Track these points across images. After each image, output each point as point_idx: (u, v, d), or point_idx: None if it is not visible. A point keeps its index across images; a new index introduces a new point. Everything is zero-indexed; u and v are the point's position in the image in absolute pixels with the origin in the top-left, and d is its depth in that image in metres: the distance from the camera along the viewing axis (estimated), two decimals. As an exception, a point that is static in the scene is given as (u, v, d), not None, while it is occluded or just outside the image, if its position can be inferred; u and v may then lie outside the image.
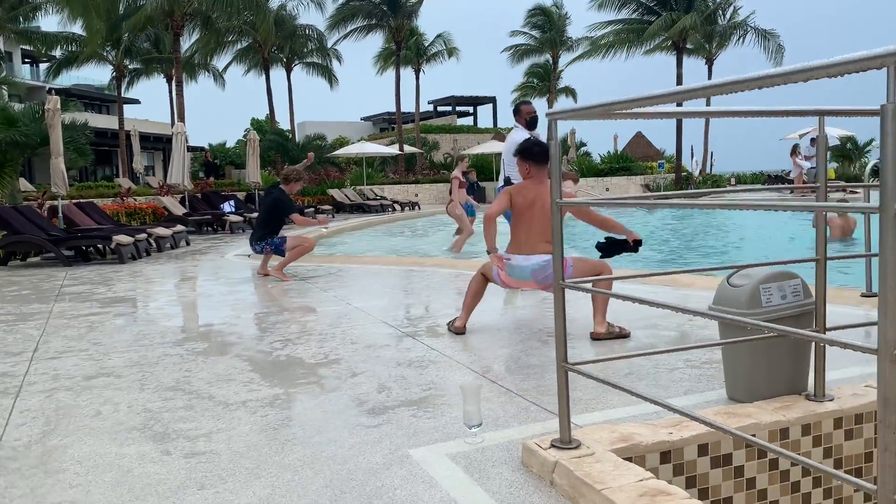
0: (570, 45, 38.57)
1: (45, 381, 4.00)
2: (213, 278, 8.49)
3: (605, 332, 4.52)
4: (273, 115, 34.73)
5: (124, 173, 31.85)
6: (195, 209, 17.13)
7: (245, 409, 3.42)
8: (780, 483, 2.85)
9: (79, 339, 5.10)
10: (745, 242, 13.28)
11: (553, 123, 2.49)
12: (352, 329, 5.13)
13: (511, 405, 3.32)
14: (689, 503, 2.14)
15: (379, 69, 39.71)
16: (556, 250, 2.56)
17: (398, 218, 21.75)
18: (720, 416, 2.83)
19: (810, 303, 3.03)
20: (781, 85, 1.70)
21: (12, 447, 3.01)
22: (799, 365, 3.08)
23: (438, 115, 52.19)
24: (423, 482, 2.55)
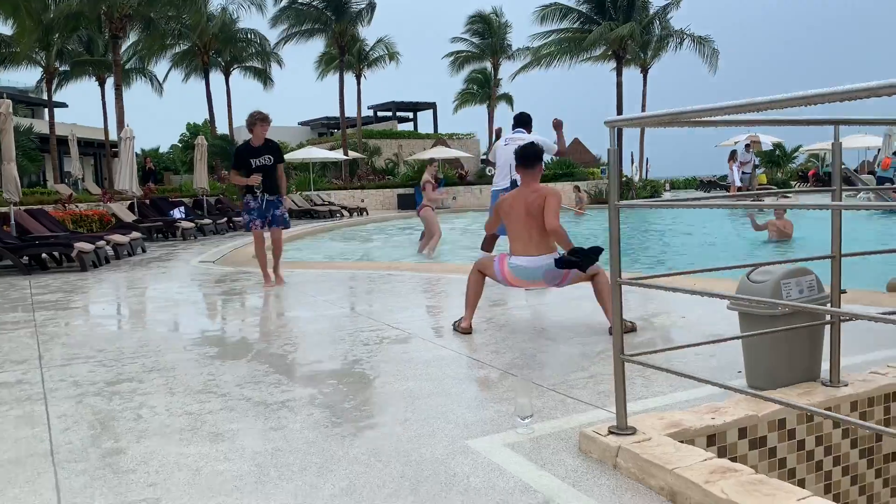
0: (511, 54, 39.23)
1: (67, 388, 3.97)
2: (188, 284, 8.41)
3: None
4: (213, 119, 34.17)
5: (56, 179, 30.83)
6: (144, 216, 16.77)
7: (286, 408, 3.50)
8: (806, 463, 3.10)
9: (80, 347, 5.05)
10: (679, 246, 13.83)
11: (613, 131, 2.69)
12: (360, 332, 5.22)
13: (547, 398, 3.49)
14: (755, 477, 2.35)
15: (320, 73, 39.54)
16: (614, 249, 2.75)
17: (348, 223, 21.74)
18: (753, 402, 3.07)
19: (825, 297, 3.31)
20: (864, 99, 1.93)
21: (68, 450, 3.02)
22: (814, 354, 3.36)
23: (379, 121, 52.16)
24: (492, 470, 2.70)
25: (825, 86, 2.09)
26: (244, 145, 7.65)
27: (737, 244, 12.91)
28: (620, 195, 2.69)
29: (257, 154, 7.52)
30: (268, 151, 7.58)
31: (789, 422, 3.05)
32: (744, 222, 15.66)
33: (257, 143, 7.54)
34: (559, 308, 5.86)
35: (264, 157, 7.51)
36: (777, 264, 3.37)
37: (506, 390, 3.65)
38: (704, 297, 5.74)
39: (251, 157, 7.50)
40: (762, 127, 26.12)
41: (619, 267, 2.75)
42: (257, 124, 7.47)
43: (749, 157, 22.83)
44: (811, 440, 3.11)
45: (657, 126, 2.59)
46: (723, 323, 4.86)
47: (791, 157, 34.14)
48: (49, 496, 2.58)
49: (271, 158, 7.57)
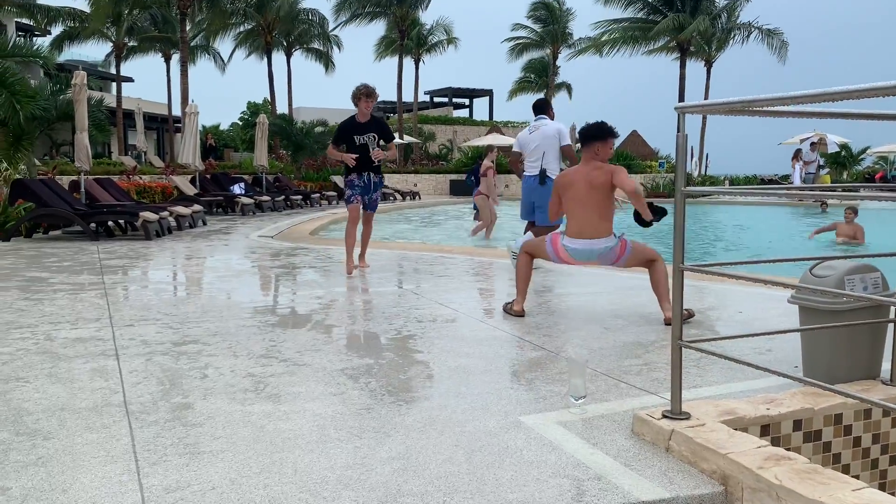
0: (572, 43, 38.83)
1: (137, 346, 4.16)
2: (248, 256, 8.64)
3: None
4: (274, 99, 34.70)
5: (120, 151, 31.77)
6: (205, 190, 17.20)
7: (345, 375, 3.61)
8: (861, 459, 3.08)
9: (147, 310, 5.26)
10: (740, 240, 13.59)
11: (682, 116, 2.70)
12: (413, 310, 5.32)
13: (600, 382, 3.53)
14: (809, 466, 2.36)
15: (378, 56, 39.78)
16: (678, 236, 2.76)
17: (401, 207, 21.93)
18: (809, 396, 3.06)
19: (890, 295, 3.26)
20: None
21: (140, 403, 3.18)
22: (875, 352, 3.32)
23: (435, 106, 52.29)
24: (545, 445, 2.76)
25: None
26: (349, 120, 7.11)
27: (797, 246, 12.63)
28: (686, 182, 2.71)
29: (363, 130, 7.01)
30: (375, 128, 7.07)
31: (846, 417, 3.03)
32: (805, 226, 15.31)
33: (363, 118, 7.03)
34: (613, 296, 5.87)
35: (369, 135, 7.01)
36: (842, 259, 3.33)
37: (558, 372, 3.70)
38: (761, 294, 5.71)
39: (356, 133, 7.01)
40: (834, 122, 25.38)
41: (682, 254, 2.76)
42: (362, 99, 6.96)
43: (814, 157, 22.28)
44: (867, 437, 3.08)
45: (727, 114, 2.60)
46: (779, 319, 4.82)
47: (858, 158, 33.09)
48: (125, 442, 2.73)
49: (376, 137, 7.05)
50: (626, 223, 5.40)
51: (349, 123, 7.07)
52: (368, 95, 6.98)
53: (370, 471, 2.50)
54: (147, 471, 2.48)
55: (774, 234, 14.89)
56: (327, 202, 21.39)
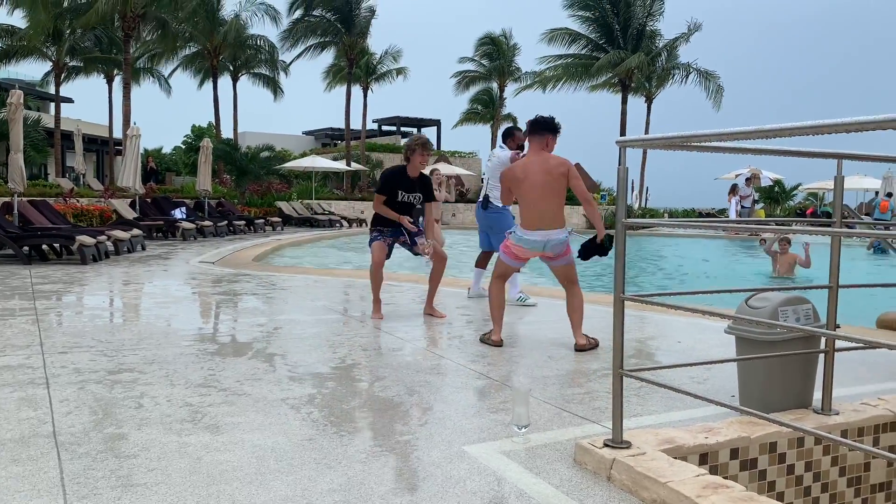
0: (518, 76, 39.56)
1: (68, 374, 4.02)
2: (188, 283, 8.46)
3: (585, 342, 4.97)
4: (218, 123, 34.30)
5: (58, 173, 30.88)
6: (145, 214, 16.82)
7: (286, 405, 3.54)
8: (794, 487, 3.16)
9: (81, 336, 5.09)
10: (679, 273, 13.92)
11: (623, 150, 2.77)
12: (358, 338, 5.27)
13: (542, 410, 3.55)
14: (745, 494, 2.41)
15: (328, 85, 39.83)
16: (619, 266, 2.82)
17: (348, 233, 21.82)
18: (745, 425, 3.13)
19: (820, 326, 3.38)
20: (870, 131, 2.01)
21: (70, 433, 3.06)
22: (807, 382, 3.42)
23: (383, 134, 52.44)
24: (488, 474, 2.75)
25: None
26: (398, 172, 6.17)
27: (733, 278, 12.98)
28: (627, 214, 2.77)
29: (411, 188, 6.13)
30: (421, 188, 6.19)
31: (780, 445, 3.10)
32: (741, 257, 15.77)
33: (413, 173, 6.14)
34: (557, 325, 5.92)
35: (415, 196, 6.16)
36: (775, 291, 3.44)
37: (502, 401, 3.70)
38: (699, 325, 5.84)
39: (402, 188, 6.10)
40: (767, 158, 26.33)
41: (622, 283, 2.82)
42: (417, 151, 6.06)
43: (749, 192, 23.00)
44: (801, 465, 3.16)
45: (667, 148, 2.67)
46: (717, 349, 4.94)
47: (790, 194, 34.38)
48: (53, 475, 2.62)
49: (421, 198, 6.21)
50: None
51: (398, 175, 6.14)
52: (424, 147, 6.11)
53: (310, 503, 2.45)
54: (75, 505, 2.38)
55: (711, 266, 15.30)
56: (272, 228, 21.15)
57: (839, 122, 2.10)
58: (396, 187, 6.10)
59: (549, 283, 6.76)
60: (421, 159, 6.09)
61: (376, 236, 6.24)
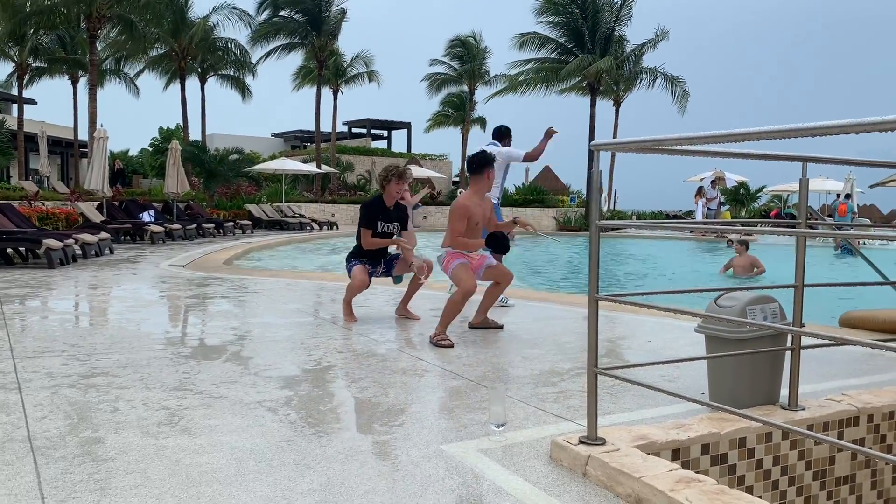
0: (488, 80, 39.73)
1: (41, 379, 3.97)
2: (158, 286, 8.38)
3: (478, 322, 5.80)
4: (186, 125, 33.94)
5: (21, 176, 30.30)
6: (113, 217, 16.60)
7: (263, 407, 3.55)
8: (763, 481, 3.24)
9: (51, 341, 5.03)
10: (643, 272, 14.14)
11: (596, 153, 2.83)
12: (332, 340, 5.28)
13: (518, 410, 3.60)
14: (717, 487, 2.48)
15: (296, 86, 39.62)
16: (593, 266, 2.88)
17: (318, 237, 21.73)
18: (716, 421, 3.22)
19: (787, 324, 3.48)
20: (835, 135, 2.09)
21: (46, 437, 3.04)
22: (775, 379, 3.52)
23: (353, 137, 52.29)
24: (467, 473, 2.79)
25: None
26: (377, 203, 6.22)
27: (700, 278, 13.21)
28: (600, 216, 2.83)
29: (388, 218, 6.21)
30: (397, 218, 6.30)
31: (749, 441, 3.19)
32: (707, 260, 16.04)
33: (389, 202, 6.22)
34: (530, 326, 5.99)
35: (392, 225, 6.25)
36: (743, 290, 3.53)
37: (479, 400, 3.75)
38: (669, 325, 5.95)
39: (381, 218, 6.18)
40: (734, 161, 26.84)
41: (597, 284, 2.88)
42: (392, 181, 6.11)
43: (715, 194, 23.41)
44: (769, 459, 3.26)
45: (639, 152, 2.74)
46: (687, 348, 5.04)
47: (755, 196, 34.99)
48: (29, 479, 2.60)
49: (398, 227, 6.33)
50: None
51: (377, 207, 6.20)
52: (400, 177, 6.16)
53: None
54: (54, 509, 2.37)
55: (679, 267, 15.54)
56: (241, 231, 21.00)
57: (804, 127, 2.18)
58: (377, 219, 6.16)
59: (523, 285, 6.82)
60: (397, 188, 6.15)
61: (356, 262, 6.22)
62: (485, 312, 5.83)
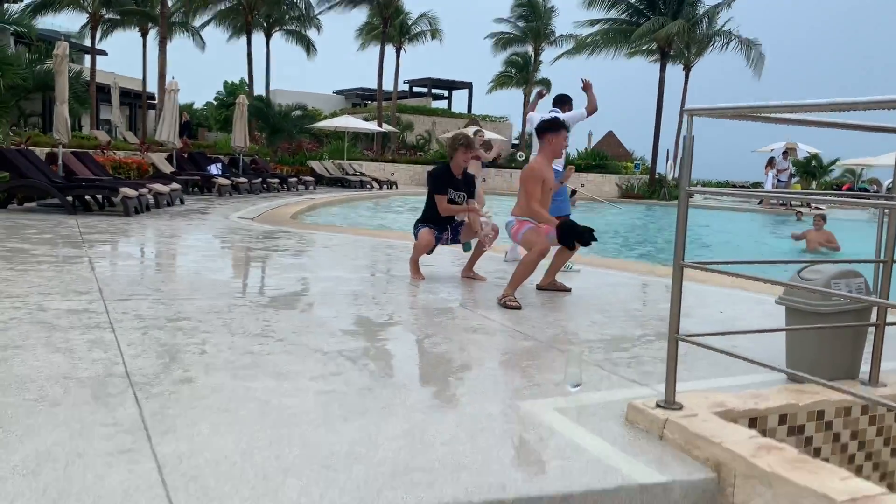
0: (554, 40, 39.05)
1: (131, 320, 4.17)
2: (230, 237, 8.62)
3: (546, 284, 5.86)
4: (252, 80, 34.35)
5: (93, 126, 31.23)
6: (182, 169, 17.03)
7: (342, 356, 3.67)
8: (839, 454, 3.23)
9: (136, 285, 5.26)
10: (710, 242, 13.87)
11: (690, 119, 2.80)
12: (401, 296, 5.39)
13: (591, 373, 3.62)
14: (799, 456, 2.49)
15: (362, 45, 39.61)
16: (680, 233, 2.87)
17: (379, 195, 21.93)
18: (793, 392, 3.20)
19: (873, 299, 3.42)
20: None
21: (143, 374, 3.21)
22: (856, 354, 3.47)
23: (414, 96, 52.17)
24: (544, 429, 2.85)
25: None
26: (445, 172, 6.23)
27: (767, 254, 12.91)
28: (689, 181, 2.82)
29: (456, 187, 6.21)
30: (465, 187, 6.28)
31: (827, 414, 3.17)
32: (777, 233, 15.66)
33: (457, 172, 6.22)
34: (596, 292, 5.99)
35: (460, 195, 6.22)
36: (828, 264, 3.47)
37: (550, 361, 3.80)
38: (735, 296, 5.88)
39: (451, 187, 6.20)
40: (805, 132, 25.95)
41: (682, 251, 2.87)
42: (459, 150, 6.11)
43: (786, 165, 22.74)
44: (846, 434, 3.23)
45: (736, 118, 2.70)
46: (758, 321, 4.99)
47: (827, 169, 33.80)
48: (132, 411, 2.77)
49: (465, 196, 6.28)
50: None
51: (445, 174, 6.21)
52: (468, 147, 6.16)
53: (377, 447, 2.57)
54: (158, 440, 2.52)
55: (746, 237, 15.22)
56: (304, 187, 21.31)
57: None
58: (446, 186, 6.18)
59: (588, 252, 6.78)
60: (464, 157, 6.16)
61: (423, 226, 6.25)
62: (554, 274, 5.85)
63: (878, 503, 2.17)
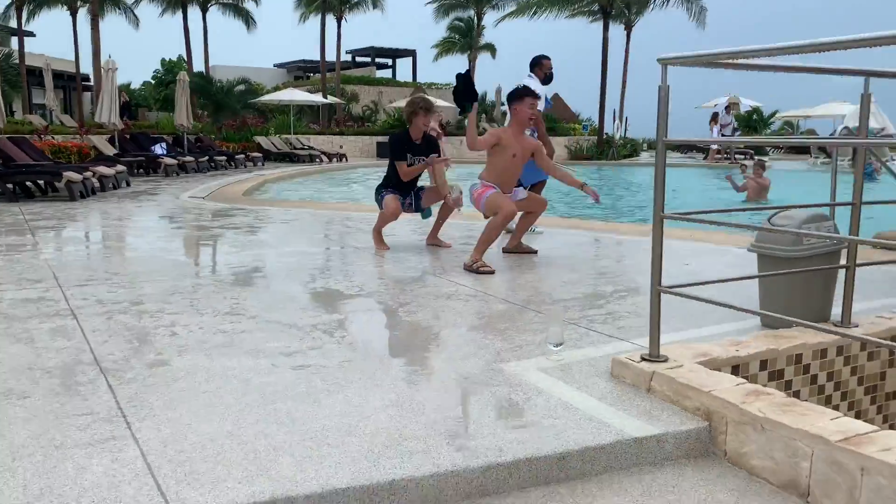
0: (496, 3, 38.75)
1: (92, 306, 4.01)
2: (183, 217, 8.38)
3: (513, 247, 5.81)
4: (190, 56, 33.39)
5: (25, 110, 29.99)
6: (125, 150, 16.48)
7: (318, 330, 3.59)
8: (817, 396, 3.29)
9: (92, 270, 5.07)
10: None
11: (665, 68, 2.76)
12: (375, 267, 5.31)
13: (569, 331, 3.61)
14: (787, 400, 2.52)
15: (302, 15, 38.71)
16: (658, 185, 2.85)
17: (330, 168, 21.63)
18: (772, 338, 3.24)
19: (842, 244, 3.47)
20: None
21: (113, 361, 3.08)
22: (827, 297, 3.53)
23: (357, 66, 51.33)
24: (530, 389, 2.83)
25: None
26: (404, 136, 6.08)
27: (714, 205, 13.15)
28: (666, 132, 2.79)
29: (415, 152, 6.05)
30: (426, 151, 6.10)
31: (805, 357, 3.22)
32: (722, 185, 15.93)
33: (416, 136, 6.05)
34: (562, 252, 6.00)
35: (419, 159, 6.05)
36: (798, 209, 3.51)
37: (528, 322, 3.78)
38: (698, 249, 5.95)
39: (410, 152, 6.05)
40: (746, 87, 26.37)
41: (662, 202, 2.86)
42: (419, 114, 5.96)
43: (729, 120, 23.12)
44: (823, 375, 3.29)
45: (709, 66, 2.67)
46: (725, 271, 5.05)
47: (767, 122, 34.46)
48: (107, 398, 2.65)
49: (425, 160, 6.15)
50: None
51: (404, 140, 6.07)
52: (427, 110, 6.02)
53: (367, 418, 2.52)
54: (138, 426, 2.42)
55: (698, 193, 15.45)
56: (252, 164, 20.87)
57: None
58: (405, 151, 6.03)
59: (548, 214, 6.77)
60: (424, 121, 5.99)
61: (387, 192, 6.11)
62: (520, 237, 5.83)
63: (870, 440, 2.20)
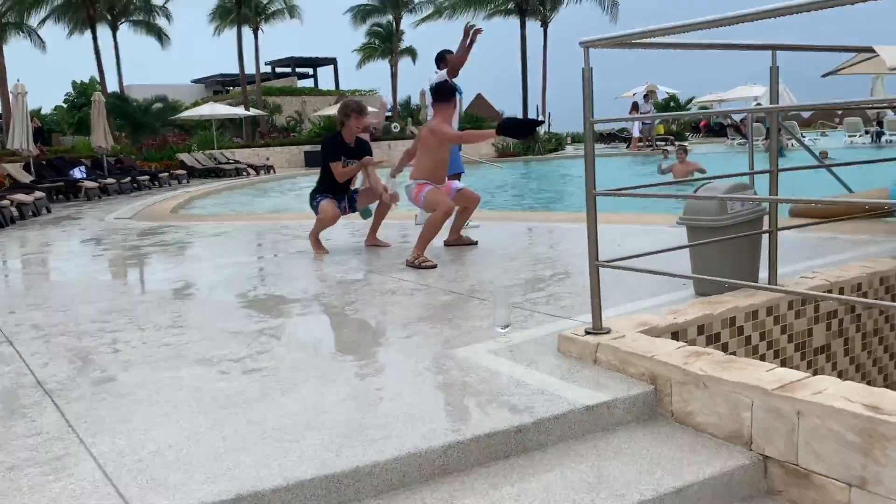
0: (413, 6, 38.90)
1: (28, 331, 3.89)
2: (111, 239, 8.16)
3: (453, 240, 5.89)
4: (103, 77, 32.36)
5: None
6: (42, 177, 15.90)
7: (265, 335, 3.57)
8: (751, 356, 3.46)
9: (22, 297, 4.92)
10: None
11: (587, 51, 2.87)
12: (311, 271, 5.30)
13: (514, 314, 3.68)
14: (725, 357, 2.66)
15: (217, 28, 38.06)
16: (589, 164, 2.96)
17: (258, 181, 21.33)
18: (706, 304, 3.40)
19: (763, 209, 3.66)
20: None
21: (58, 382, 3.01)
22: (754, 262, 3.72)
23: (277, 77, 50.73)
24: (483, 370, 2.90)
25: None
26: (337, 139, 6.06)
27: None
28: (592, 112, 2.90)
29: (349, 154, 6.04)
30: (359, 155, 6.09)
31: (738, 320, 3.39)
32: (647, 171, 16.43)
33: (349, 139, 6.04)
34: (499, 242, 6.10)
35: (352, 162, 6.06)
36: (720, 180, 3.68)
37: (474, 309, 3.85)
38: (624, 230, 6.14)
39: (344, 155, 6.04)
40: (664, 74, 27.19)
41: (593, 181, 2.97)
42: (352, 116, 5.96)
43: (648, 108, 23.78)
44: (756, 336, 3.47)
45: (630, 47, 2.79)
46: (654, 248, 5.22)
47: (685, 108, 35.58)
48: (55, 418, 2.60)
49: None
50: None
51: (337, 142, 6.05)
52: (360, 112, 6.02)
53: (325, 412, 2.54)
54: (92, 441, 2.38)
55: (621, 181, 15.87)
56: (177, 181, 20.40)
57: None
58: (338, 153, 6.02)
59: (482, 207, 6.87)
60: (357, 123, 6.00)
61: (322, 198, 6.09)
62: (459, 230, 5.91)
63: (803, 386, 2.34)
